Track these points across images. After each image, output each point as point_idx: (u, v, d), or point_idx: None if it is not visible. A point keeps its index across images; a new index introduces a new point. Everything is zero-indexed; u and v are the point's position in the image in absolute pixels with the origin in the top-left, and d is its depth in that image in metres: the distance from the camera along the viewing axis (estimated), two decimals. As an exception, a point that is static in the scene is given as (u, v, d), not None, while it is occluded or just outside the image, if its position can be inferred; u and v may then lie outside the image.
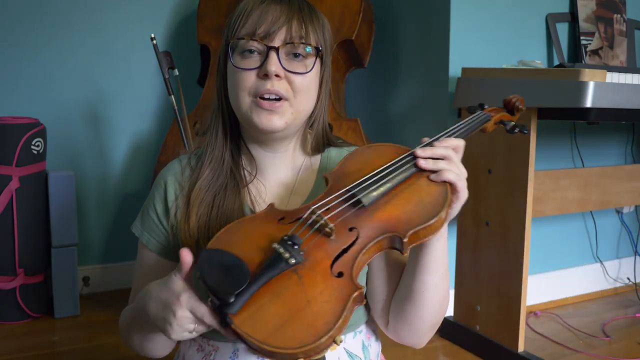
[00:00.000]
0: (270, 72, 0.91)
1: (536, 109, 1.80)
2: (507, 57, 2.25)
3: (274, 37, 0.92)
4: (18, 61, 2.39)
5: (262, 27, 0.92)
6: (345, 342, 1.02)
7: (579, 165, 2.49)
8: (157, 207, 1.03)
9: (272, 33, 0.92)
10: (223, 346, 0.98)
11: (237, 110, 0.97)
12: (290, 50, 0.93)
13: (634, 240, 2.74)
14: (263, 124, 0.93)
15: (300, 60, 0.94)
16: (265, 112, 0.93)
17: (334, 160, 1.06)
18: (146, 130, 2.62)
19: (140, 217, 1.06)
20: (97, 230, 2.58)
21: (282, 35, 0.93)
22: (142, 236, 1.04)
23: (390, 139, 2.51)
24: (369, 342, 1.06)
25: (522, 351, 1.89)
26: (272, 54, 0.92)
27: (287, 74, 0.93)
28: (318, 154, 1.06)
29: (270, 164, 1.02)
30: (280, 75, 0.92)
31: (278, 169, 1.03)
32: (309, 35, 0.94)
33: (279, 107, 0.93)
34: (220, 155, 1.00)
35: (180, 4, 2.63)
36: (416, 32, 2.35)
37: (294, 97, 0.94)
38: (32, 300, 2.23)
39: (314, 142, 1.04)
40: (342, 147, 1.10)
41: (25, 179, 2.15)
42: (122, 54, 2.54)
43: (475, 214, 2.02)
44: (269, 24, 0.92)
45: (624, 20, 2.46)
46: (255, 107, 0.93)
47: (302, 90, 0.95)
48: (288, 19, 0.93)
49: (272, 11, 0.93)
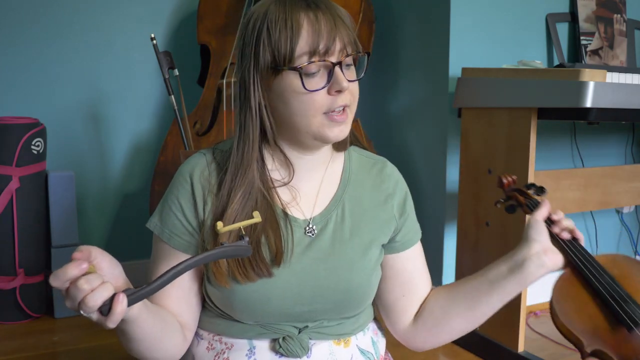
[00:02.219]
0: (345, 88, 0.91)
1: (536, 109, 1.79)
2: (507, 57, 2.25)
3: (333, 50, 0.91)
4: (18, 61, 2.39)
5: (321, 43, 0.90)
6: (357, 339, 1.04)
7: (579, 165, 2.49)
8: (183, 203, 0.98)
9: (330, 47, 0.91)
10: (238, 343, 0.98)
11: (306, 130, 0.94)
12: (347, 61, 0.94)
13: (634, 240, 2.74)
14: (337, 136, 0.94)
15: (352, 68, 0.95)
16: (339, 125, 0.93)
17: (355, 165, 1.07)
18: (146, 130, 2.62)
19: (159, 213, 1.01)
20: (97, 230, 2.58)
21: (338, 46, 0.92)
22: (163, 234, 0.99)
23: (390, 139, 2.51)
24: (377, 338, 1.10)
25: (522, 351, 1.89)
26: (337, 69, 0.91)
27: (349, 84, 0.94)
28: (342, 150, 1.06)
29: (304, 167, 1.01)
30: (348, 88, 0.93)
31: (311, 167, 1.02)
32: (357, 41, 0.95)
33: (347, 117, 0.95)
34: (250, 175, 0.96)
35: (180, 4, 2.63)
36: (416, 32, 2.35)
37: (352, 103, 0.96)
38: (32, 300, 2.22)
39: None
40: (362, 152, 1.11)
41: (25, 179, 2.15)
42: (122, 54, 2.54)
43: (475, 214, 2.02)
44: (325, 38, 0.91)
45: (624, 20, 2.46)
46: (329, 123, 0.93)
47: (357, 96, 0.97)
48: (336, 27, 0.92)
49: (320, 23, 0.91)
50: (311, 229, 0.99)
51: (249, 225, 0.92)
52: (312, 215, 1.01)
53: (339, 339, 1.02)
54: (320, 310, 0.98)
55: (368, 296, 1.03)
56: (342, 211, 1.02)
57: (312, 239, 0.99)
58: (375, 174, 1.07)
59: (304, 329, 0.99)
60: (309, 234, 0.99)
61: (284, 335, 0.97)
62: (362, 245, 1.01)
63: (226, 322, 0.99)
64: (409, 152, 2.41)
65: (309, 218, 1.00)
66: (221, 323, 1.00)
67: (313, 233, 0.99)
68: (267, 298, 0.94)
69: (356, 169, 1.07)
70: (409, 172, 2.40)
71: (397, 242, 1.06)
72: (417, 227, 1.11)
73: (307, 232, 0.99)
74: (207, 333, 1.02)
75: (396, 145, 2.47)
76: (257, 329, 0.98)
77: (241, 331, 0.99)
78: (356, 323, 1.04)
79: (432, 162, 2.29)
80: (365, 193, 1.05)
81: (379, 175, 1.07)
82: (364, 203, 1.04)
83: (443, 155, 2.23)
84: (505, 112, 1.88)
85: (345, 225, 1.01)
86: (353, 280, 0.98)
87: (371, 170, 1.08)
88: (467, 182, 2.05)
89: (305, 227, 0.99)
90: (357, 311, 1.02)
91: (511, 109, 1.86)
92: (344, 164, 1.06)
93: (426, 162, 2.33)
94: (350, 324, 1.03)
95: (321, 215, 1.01)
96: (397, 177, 1.09)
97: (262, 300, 0.94)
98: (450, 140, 2.21)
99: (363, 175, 1.06)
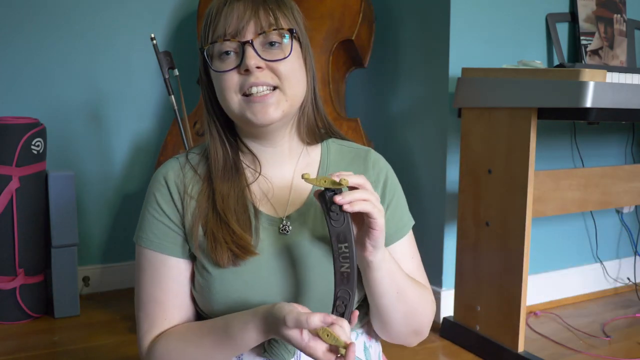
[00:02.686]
0: (250, 66, 0.90)
1: (536, 109, 1.79)
2: (507, 57, 2.25)
3: (244, 32, 0.91)
4: (18, 61, 2.39)
5: (231, 26, 0.91)
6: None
7: (579, 165, 2.49)
8: (164, 207, 0.98)
9: (242, 29, 0.91)
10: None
11: (230, 113, 0.96)
12: (265, 40, 0.92)
13: (634, 240, 2.74)
14: (259, 118, 0.92)
15: (277, 48, 0.93)
16: (258, 105, 0.91)
17: (334, 156, 1.04)
18: (146, 130, 2.62)
19: (141, 226, 0.99)
20: (97, 230, 2.58)
21: (252, 27, 0.91)
22: (152, 244, 0.97)
23: (390, 139, 2.51)
24: (370, 343, 1.06)
25: (522, 351, 1.89)
26: (247, 48, 0.90)
27: (268, 63, 0.92)
28: (316, 143, 1.04)
29: (271, 159, 1.00)
30: (261, 67, 0.91)
31: (279, 163, 1.01)
32: (279, 20, 0.93)
33: (270, 97, 0.92)
34: (224, 161, 0.98)
35: (180, 4, 2.63)
36: (416, 32, 2.35)
37: (282, 84, 0.92)
38: (32, 300, 2.23)
39: (306, 128, 1.02)
40: (343, 142, 1.08)
41: (25, 179, 2.15)
42: (122, 54, 2.54)
43: (475, 214, 2.02)
44: (237, 20, 0.91)
45: (624, 20, 2.46)
46: (247, 104, 0.92)
47: (289, 75, 0.93)
48: (254, 12, 0.92)
49: (237, 8, 0.92)
50: (285, 226, 0.96)
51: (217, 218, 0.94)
52: (287, 213, 0.98)
53: None
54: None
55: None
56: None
57: (287, 237, 0.96)
58: (357, 163, 1.04)
59: None
60: (283, 231, 0.96)
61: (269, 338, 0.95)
62: None
63: None
64: (409, 152, 2.41)
65: (284, 216, 0.98)
66: None
67: (287, 230, 0.96)
68: (246, 298, 0.93)
69: (335, 160, 1.04)
70: (409, 172, 2.41)
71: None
72: (403, 220, 1.05)
73: (281, 230, 0.96)
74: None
75: (396, 145, 2.47)
76: None
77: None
78: None
79: (432, 162, 2.29)
80: None
81: (362, 164, 1.04)
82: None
83: (443, 155, 2.23)
84: (505, 112, 1.88)
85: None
86: None
87: (353, 160, 1.05)
88: (467, 182, 2.05)
89: (279, 225, 0.97)
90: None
91: (511, 109, 1.86)
92: (321, 154, 1.04)
93: (426, 162, 2.33)
94: None
95: (298, 212, 0.98)
96: (382, 165, 1.05)
97: (241, 301, 0.93)
98: (450, 140, 2.21)
99: (343, 164, 1.04)
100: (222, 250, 0.92)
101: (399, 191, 1.07)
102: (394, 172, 1.08)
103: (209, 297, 0.94)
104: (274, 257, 0.95)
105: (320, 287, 0.94)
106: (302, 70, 0.97)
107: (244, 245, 0.92)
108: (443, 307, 2.24)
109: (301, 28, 0.97)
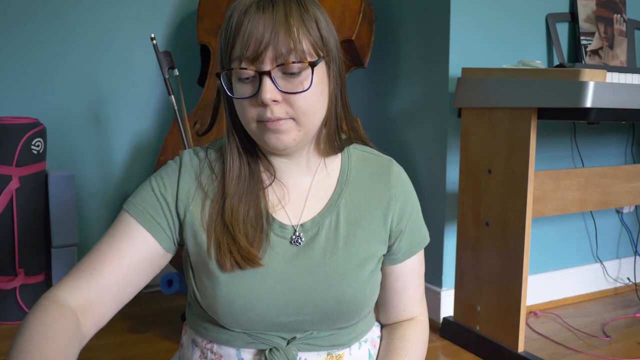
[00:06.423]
0: (266, 100, 0.85)
1: (536, 109, 1.80)
2: (507, 57, 2.25)
3: (263, 58, 0.85)
4: (18, 61, 2.39)
5: (249, 50, 0.85)
6: (351, 354, 1.00)
7: (579, 165, 2.49)
8: (167, 184, 0.95)
9: (261, 54, 0.85)
10: (227, 354, 0.96)
11: (250, 134, 0.93)
12: (284, 70, 0.86)
13: (634, 240, 2.74)
14: (273, 144, 0.89)
15: (297, 77, 0.87)
16: (271, 133, 0.88)
17: (355, 164, 1.01)
18: (146, 130, 2.62)
19: (135, 193, 0.96)
20: (97, 230, 2.58)
21: (271, 54, 0.85)
22: (133, 208, 0.93)
23: (390, 139, 2.51)
24: (375, 351, 1.06)
25: (522, 351, 1.89)
26: (265, 79, 0.85)
27: (285, 95, 0.87)
28: (334, 153, 1.00)
29: (287, 171, 0.98)
30: (277, 100, 0.86)
31: (296, 173, 0.99)
32: (302, 43, 0.86)
33: (283, 125, 0.88)
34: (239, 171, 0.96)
35: (180, 4, 2.63)
36: (416, 32, 2.35)
37: (298, 117, 0.88)
38: (32, 300, 2.22)
39: (326, 142, 0.98)
40: (366, 149, 1.05)
41: (25, 179, 2.15)
42: (122, 54, 2.54)
43: (475, 214, 2.02)
44: (256, 43, 0.85)
45: (624, 20, 2.46)
46: (263, 130, 0.89)
47: (306, 108, 0.88)
48: (275, 33, 0.84)
49: (256, 27, 0.85)
50: (298, 237, 0.95)
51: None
52: (300, 222, 0.96)
53: (331, 351, 0.98)
54: (308, 321, 0.94)
55: (362, 308, 0.97)
56: (337, 217, 0.96)
57: (299, 247, 0.94)
58: (378, 173, 1.01)
59: (292, 340, 0.95)
60: (296, 242, 0.94)
61: (271, 346, 0.94)
62: (357, 255, 0.95)
63: (216, 328, 0.96)
64: (409, 152, 2.41)
65: (296, 225, 0.96)
66: (212, 329, 0.97)
67: (300, 241, 0.95)
68: (250, 306, 0.91)
69: (356, 168, 1.01)
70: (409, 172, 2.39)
71: (393, 254, 1.01)
72: (418, 238, 1.04)
73: (293, 241, 0.95)
74: (201, 340, 0.99)
75: (396, 145, 2.47)
76: (244, 337, 0.95)
77: (229, 340, 0.95)
78: (352, 334, 0.99)
79: (432, 162, 2.29)
80: (364, 195, 0.99)
81: (383, 175, 1.01)
82: (362, 207, 0.98)
83: (443, 155, 2.23)
84: (505, 112, 1.88)
85: (339, 233, 0.95)
86: (345, 292, 0.93)
87: (375, 172, 1.01)
88: (467, 182, 2.05)
89: (291, 233, 0.95)
90: (350, 322, 0.97)
91: (511, 109, 1.86)
92: (341, 164, 1.01)
93: (426, 162, 2.33)
94: (345, 335, 0.98)
95: (312, 222, 0.96)
96: (403, 181, 1.02)
97: (245, 308, 0.91)
98: (450, 140, 2.21)
99: (364, 176, 1.00)
100: (225, 258, 0.91)
101: (416, 210, 1.04)
102: (413, 188, 1.05)
103: (212, 298, 0.93)
104: (282, 266, 0.93)
105: (327, 300, 0.93)
106: (323, 96, 0.92)
107: (249, 257, 0.91)
108: (443, 307, 2.24)
109: (326, 42, 0.90)
